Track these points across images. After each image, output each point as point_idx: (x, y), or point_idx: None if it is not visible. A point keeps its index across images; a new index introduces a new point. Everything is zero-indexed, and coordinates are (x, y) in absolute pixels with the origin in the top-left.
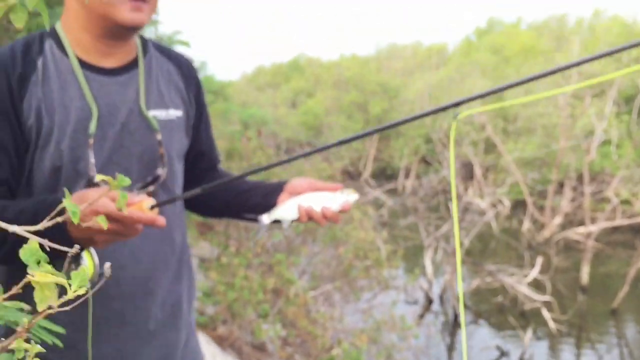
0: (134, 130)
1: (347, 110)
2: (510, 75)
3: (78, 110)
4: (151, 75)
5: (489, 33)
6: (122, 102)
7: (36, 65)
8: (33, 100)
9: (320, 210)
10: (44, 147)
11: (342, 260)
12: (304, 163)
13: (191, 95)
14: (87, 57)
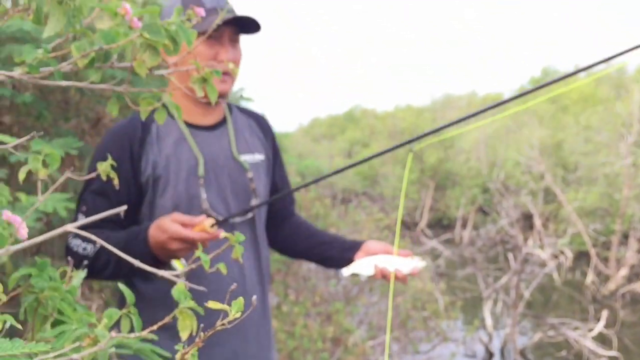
0: (231, 171)
1: (403, 161)
2: (569, 123)
3: (188, 159)
4: (237, 129)
5: (543, 82)
6: (219, 150)
7: (150, 129)
8: (150, 156)
9: (393, 271)
10: (164, 190)
11: (400, 311)
12: (361, 213)
13: (268, 142)
14: (189, 118)
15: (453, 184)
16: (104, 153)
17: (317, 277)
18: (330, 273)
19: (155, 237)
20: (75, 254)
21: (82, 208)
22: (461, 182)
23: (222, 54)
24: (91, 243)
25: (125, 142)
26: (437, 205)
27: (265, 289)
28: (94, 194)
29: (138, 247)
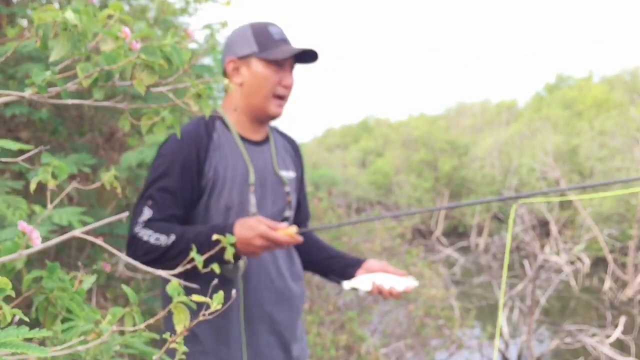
0: (273, 183)
1: (417, 169)
2: (584, 129)
3: (241, 168)
4: (277, 147)
5: (558, 88)
6: (265, 163)
7: (212, 137)
8: (213, 161)
9: (389, 288)
10: (219, 193)
11: (414, 319)
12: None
13: (298, 162)
14: (242, 132)
15: (468, 192)
16: (172, 154)
17: (332, 286)
18: None
19: (242, 233)
20: (145, 243)
21: (148, 202)
22: (476, 189)
23: (285, 80)
24: (165, 234)
25: (193, 146)
26: (452, 213)
27: (300, 285)
28: (162, 190)
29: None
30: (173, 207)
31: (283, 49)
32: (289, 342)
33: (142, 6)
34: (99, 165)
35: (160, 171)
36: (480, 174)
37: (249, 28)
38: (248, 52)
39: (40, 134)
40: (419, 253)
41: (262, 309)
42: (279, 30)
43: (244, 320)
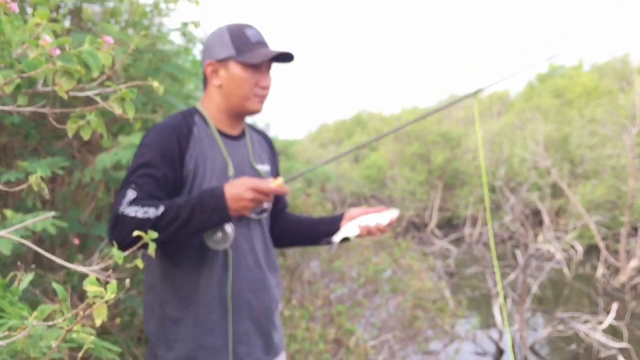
0: (250, 176)
1: (410, 162)
2: (574, 117)
3: (220, 161)
4: (252, 142)
5: (551, 77)
6: (242, 157)
7: (192, 130)
8: (193, 153)
9: (375, 225)
10: (200, 184)
11: (404, 311)
12: None
13: (273, 156)
14: (220, 127)
15: (461, 183)
16: (153, 145)
17: (322, 281)
18: (334, 276)
19: (232, 190)
20: (133, 218)
21: (131, 186)
22: (469, 181)
23: (262, 81)
24: (152, 207)
25: (174, 136)
26: (446, 205)
27: (277, 276)
28: (145, 176)
29: (214, 200)
30: (155, 192)
31: (260, 52)
32: (269, 329)
33: (112, 9)
34: (74, 167)
35: (143, 160)
36: (472, 166)
37: (226, 31)
38: (226, 55)
39: (14, 139)
40: (408, 245)
41: (241, 297)
42: (255, 33)
43: (224, 308)
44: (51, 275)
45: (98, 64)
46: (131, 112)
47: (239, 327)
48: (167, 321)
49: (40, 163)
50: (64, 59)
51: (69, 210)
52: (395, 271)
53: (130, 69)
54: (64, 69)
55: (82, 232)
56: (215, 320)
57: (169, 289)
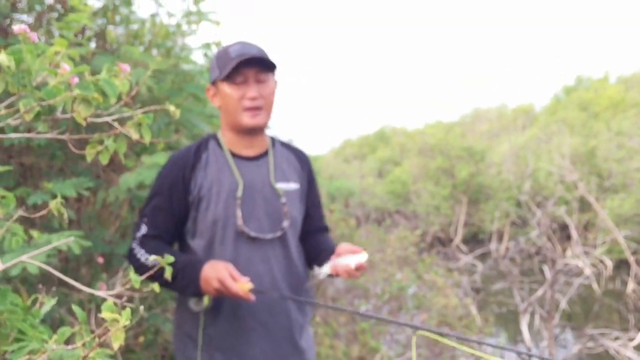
0: (266, 195)
1: (434, 177)
2: (601, 130)
3: (230, 183)
4: (277, 160)
5: (577, 90)
6: (258, 177)
7: (200, 157)
8: (198, 180)
9: (344, 267)
10: (206, 208)
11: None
12: (388, 233)
13: (304, 174)
14: (234, 148)
15: (486, 198)
16: (163, 177)
17: (346, 297)
18: (358, 292)
19: (207, 272)
20: (137, 260)
21: (144, 220)
22: (494, 195)
23: (248, 93)
24: (151, 256)
25: (180, 168)
26: (471, 220)
27: (303, 295)
28: (156, 209)
29: (192, 273)
30: (165, 223)
31: (231, 64)
32: (291, 352)
33: (135, 31)
34: (99, 187)
35: (154, 192)
36: (497, 180)
37: (216, 55)
38: (215, 77)
39: (40, 160)
40: (432, 261)
41: (256, 319)
42: (238, 48)
43: (239, 329)
44: (76, 294)
45: (115, 91)
46: (147, 137)
47: (255, 348)
48: (187, 340)
49: (65, 184)
50: (81, 87)
51: (93, 229)
52: (419, 287)
53: (153, 89)
54: (82, 96)
55: (107, 251)
56: (230, 341)
57: (187, 308)
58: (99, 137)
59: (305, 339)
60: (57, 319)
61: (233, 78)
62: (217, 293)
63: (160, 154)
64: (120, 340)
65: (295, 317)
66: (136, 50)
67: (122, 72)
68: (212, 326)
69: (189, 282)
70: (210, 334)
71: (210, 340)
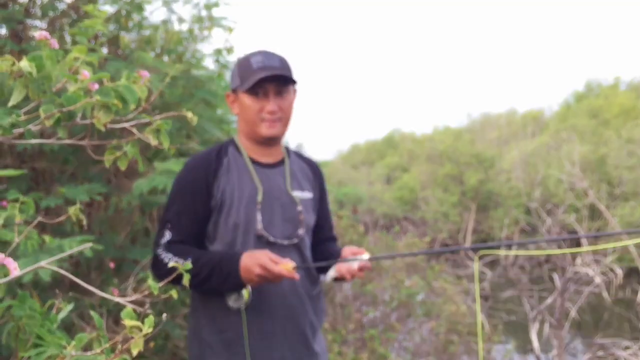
0: (284, 203)
1: (443, 184)
2: (611, 137)
3: (250, 189)
4: (293, 169)
5: (587, 96)
6: (276, 184)
7: (222, 162)
8: (221, 184)
9: (346, 270)
10: (227, 212)
11: (438, 335)
12: (396, 239)
13: (317, 184)
14: (253, 155)
15: (495, 205)
16: (184, 181)
17: (354, 304)
18: (367, 299)
19: (246, 261)
20: (165, 265)
21: (167, 225)
22: (503, 202)
23: (267, 106)
24: (182, 257)
25: (202, 172)
26: (480, 227)
27: (316, 302)
28: (177, 214)
29: (230, 265)
30: (189, 227)
31: (254, 78)
32: (305, 356)
33: (148, 37)
34: (111, 192)
35: (174, 197)
36: (506, 187)
37: (237, 62)
38: (235, 86)
39: (53, 165)
40: (441, 268)
41: (277, 323)
42: (260, 59)
43: (259, 334)
44: (88, 299)
45: (134, 97)
46: (166, 143)
47: (274, 353)
48: (205, 346)
49: (78, 189)
50: (102, 93)
51: (105, 234)
52: (428, 294)
53: (165, 95)
54: (102, 102)
55: (118, 256)
56: (250, 346)
57: (204, 313)
58: (118, 143)
59: (319, 343)
60: (70, 324)
61: (254, 90)
62: (260, 280)
63: (172, 160)
64: (140, 347)
65: (312, 320)
66: (148, 56)
67: (141, 79)
68: (231, 330)
69: (228, 275)
70: (229, 339)
71: (229, 345)
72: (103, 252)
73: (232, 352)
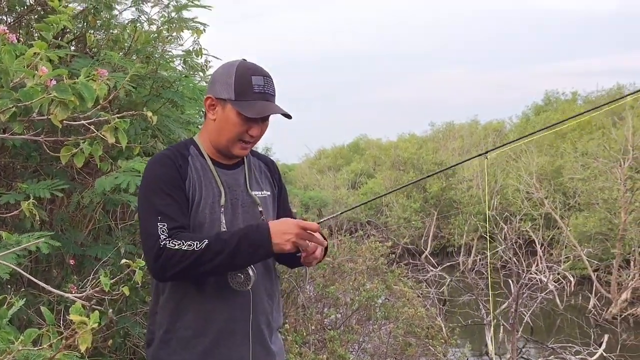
0: (245, 204)
1: (406, 190)
2: (567, 150)
3: (214, 190)
4: (251, 169)
5: (546, 110)
6: (236, 185)
7: (188, 160)
8: (190, 181)
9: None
10: (195, 210)
11: (397, 338)
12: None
13: (275, 180)
14: (214, 157)
15: (456, 212)
16: (160, 174)
17: (316, 306)
18: (328, 301)
19: (277, 227)
20: (177, 251)
21: (158, 218)
22: (463, 210)
23: (252, 130)
24: (196, 240)
25: (174, 167)
26: (441, 233)
27: (274, 300)
28: (166, 205)
29: (258, 234)
30: (181, 217)
31: (256, 107)
32: (260, 357)
33: (116, 35)
34: (73, 189)
35: (156, 191)
36: (467, 195)
37: (234, 72)
38: (225, 97)
39: (15, 160)
40: (402, 272)
41: (234, 321)
42: (261, 82)
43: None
44: (45, 296)
45: (92, 95)
46: (124, 141)
47: (234, 353)
48: (162, 344)
49: (39, 185)
50: (59, 89)
51: (66, 231)
52: (388, 298)
53: (132, 94)
54: (59, 99)
55: (79, 253)
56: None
57: (163, 311)
58: (75, 140)
59: (275, 343)
60: (25, 320)
61: (245, 116)
62: (297, 239)
63: (136, 159)
64: (87, 342)
65: (269, 319)
66: (116, 55)
67: (100, 76)
68: (190, 328)
69: (259, 243)
70: (187, 337)
71: (187, 343)
72: (64, 249)
73: (189, 351)
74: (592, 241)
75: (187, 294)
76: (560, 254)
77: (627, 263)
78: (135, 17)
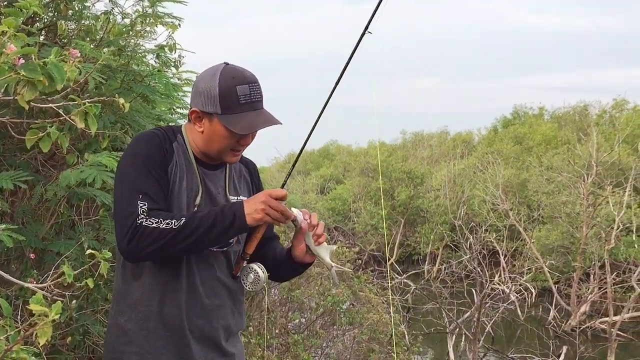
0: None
1: (374, 197)
2: (533, 164)
3: (191, 188)
4: (230, 173)
5: (513, 123)
6: (215, 186)
7: (172, 146)
8: (173, 167)
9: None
10: (171, 201)
11: (360, 343)
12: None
13: (254, 183)
14: (198, 155)
15: (423, 221)
16: (145, 151)
17: (281, 310)
18: (293, 305)
19: (253, 199)
20: (154, 229)
21: (138, 196)
22: (430, 218)
23: (242, 140)
24: (173, 218)
25: (162, 147)
26: (407, 241)
27: (235, 299)
28: (148, 183)
29: (232, 209)
30: (162, 198)
31: (245, 121)
32: (215, 357)
33: (87, 26)
34: (37, 181)
35: (139, 169)
36: (434, 204)
37: (217, 85)
38: (211, 110)
39: None
40: (367, 279)
41: (193, 321)
42: (246, 91)
43: (179, 330)
44: (4, 289)
45: (62, 76)
46: (94, 127)
47: (188, 349)
48: (121, 334)
49: (1, 175)
50: (27, 68)
51: (27, 224)
52: (353, 303)
53: (102, 87)
54: (27, 78)
55: (40, 247)
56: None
57: (127, 301)
58: (42, 123)
59: (233, 344)
60: None
61: (232, 131)
62: (266, 206)
63: (104, 153)
64: (47, 336)
65: (229, 323)
66: (87, 45)
67: (71, 58)
68: (153, 320)
69: (234, 217)
70: (150, 328)
71: (148, 334)
72: (25, 243)
73: (150, 344)
74: (554, 254)
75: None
76: (523, 266)
77: (587, 276)
78: (109, 9)
